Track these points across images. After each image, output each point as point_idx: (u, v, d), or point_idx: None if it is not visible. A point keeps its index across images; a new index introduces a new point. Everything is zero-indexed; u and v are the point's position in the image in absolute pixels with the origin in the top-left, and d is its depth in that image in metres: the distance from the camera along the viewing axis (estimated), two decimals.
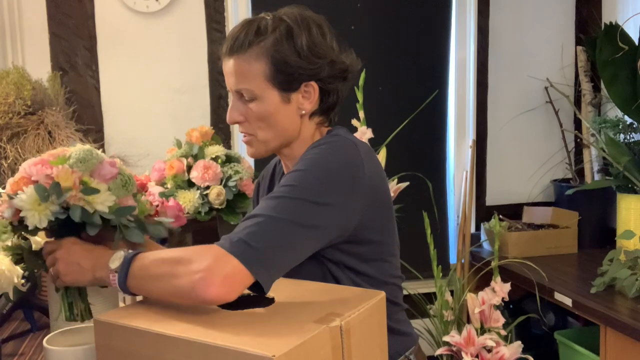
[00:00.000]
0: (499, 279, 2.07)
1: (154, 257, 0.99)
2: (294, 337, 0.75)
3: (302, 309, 0.87)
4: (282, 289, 0.96)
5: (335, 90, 1.20)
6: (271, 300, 0.92)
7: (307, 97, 1.17)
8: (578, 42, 2.82)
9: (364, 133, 2.11)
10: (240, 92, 1.18)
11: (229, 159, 2.07)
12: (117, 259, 1.01)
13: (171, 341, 0.78)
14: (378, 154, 2.16)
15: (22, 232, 1.10)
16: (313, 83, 1.16)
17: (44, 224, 1.00)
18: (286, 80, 1.14)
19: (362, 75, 2.09)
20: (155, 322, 0.83)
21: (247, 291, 0.95)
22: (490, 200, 2.84)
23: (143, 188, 1.60)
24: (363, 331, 0.85)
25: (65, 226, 1.06)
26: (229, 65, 1.17)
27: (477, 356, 1.97)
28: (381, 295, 0.92)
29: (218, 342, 0.74)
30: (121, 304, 1.55)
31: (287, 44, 1.13)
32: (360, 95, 2.13)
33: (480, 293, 2.07)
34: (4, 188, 1.41)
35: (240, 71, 1.16)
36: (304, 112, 1.18)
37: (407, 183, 2.18)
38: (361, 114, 2.18)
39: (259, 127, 1.19)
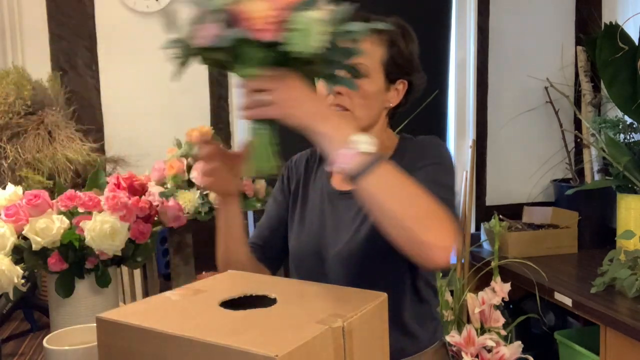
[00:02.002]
0: (499, 279, 2.07)
1: (412, 183, 0.95)
2: (296, 337, 0.74)
3: (304, 309, 0.87)
4: (284, 289, 0.96)
5: (406, 99, 1.32)
6: (273, 301, 0.92)
7: (396, 94, 1.28)
8: (578, 42, 2.83)
9: None
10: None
11: None
12: (364, 142, 0.93)
13: (173, 340, 0.78)
14: None
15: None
16: (405, 82, 1.28)
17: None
18: (393, 70, 1.25)
19: None
20: (158, 321, 0.83)
21: (250, 291, 0.96)
22: (490, 200, 2.84)
23: (143, 188, 1.61)
24: (365, 332, 0.85)
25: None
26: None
27: (477, 356, 1.97)
28: (383, 297, 0.91)
29: (220, 341, 0.74)
30: (121, 304, 1.56)
31: (404, 41, 1.27)
32: None
33: (480, 293, 2.07)
34: (4, 188, 1.42)
35: (362, 47, 1.21)
36: (390, 104, 1.28)
37: None
38: None
39: (359, 104, 1.23)
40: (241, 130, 2.56)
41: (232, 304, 0.91)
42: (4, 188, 1.43)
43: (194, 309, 0.88)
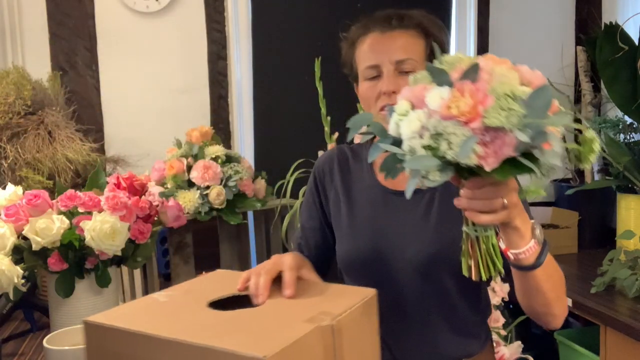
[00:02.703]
0: (499, 279, 2.07)
1: (555, 262, 1.03)
2: (285, 337, 0.74)
3: (292, 308, 0.86)
4: (273, 288, 0.94)
5: None
6: None
7: None
8: (578, 42, 2.82)
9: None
10: (403, 62, 1.17)
11: (229, 159, 2.08)
12: (539, 231, 0.95)
13: (161, 343, 0.77)
14: None
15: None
16: None
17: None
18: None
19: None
20: (146, 324, 0.82)
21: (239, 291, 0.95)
22: None
23: (143, 188, 1.61)
24: (355, 330, 0.84)
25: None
26: (392, 37, 1.19)
27: None
28: (372, 293, 0.90)
29: (208, 343, 0.74)
30: (121, 304, 1.55)
31: (442, 32, 1.23)
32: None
33: None
34: (4, 188, 1.42)
35: (407, 43, 1.19)
36: None
37: None
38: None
39: None
40: (241, 130, 2.56)
41: (220, 304, 0.90)
42: (4, 188, 1.43)
43: (181, 311, 0.88)
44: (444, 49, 1.21)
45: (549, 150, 0.79)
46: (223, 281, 1.01)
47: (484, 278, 0.90)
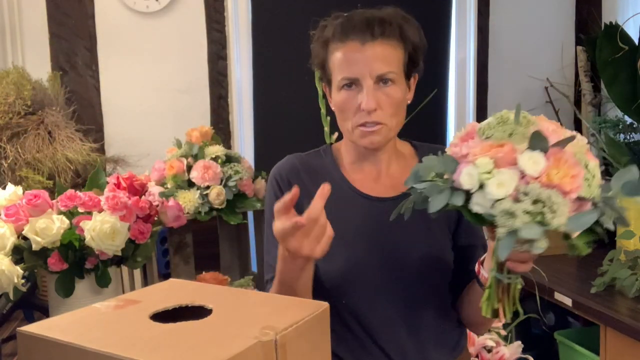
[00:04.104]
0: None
1: None
2: (222, 353, 0.70)
3: (237, 321, 0.83)
4: (223, 299, 0.91)
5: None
6: (209, 312, 0.87)
7: (410, 88, 1.21)
8: (578, 42, 2.82)
9: None
10: (384, 77, 1.13)
11: (229, 159, 2.08)
12: None
13: (92, 356, 0.74)
14: None
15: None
16: (417, 74, 1.22)
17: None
18: (411, 67, 1.18)
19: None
20: (80, 335, 0.78)
21: (186, 302, 0.92)
22: None
23: (143, 188, 1.61)
24: (302, 345, 0.80)
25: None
26: (373, 49, 1.13)
27: (477, 356, 1.96)
28: (324, 306, 0.85)
29: (141, 357, 0.71)
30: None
31: (418, 33, 1.19)
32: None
33: None
34: (4, 188, 1.42)
35: (388, 55, 1.14)
36: (409, 102, 1.20)
37: None
38: None
39: (391, 115, 1.14)
40: (242, 130, 2.56)
41: (166, 315, 0.87)
42: (4, 188, 1.43)
43: (121, 322, 0.84)
44: (422, 52, 1.20)
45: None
46: (173, 291, 0.97)
47: (507, 319, 0.96)
